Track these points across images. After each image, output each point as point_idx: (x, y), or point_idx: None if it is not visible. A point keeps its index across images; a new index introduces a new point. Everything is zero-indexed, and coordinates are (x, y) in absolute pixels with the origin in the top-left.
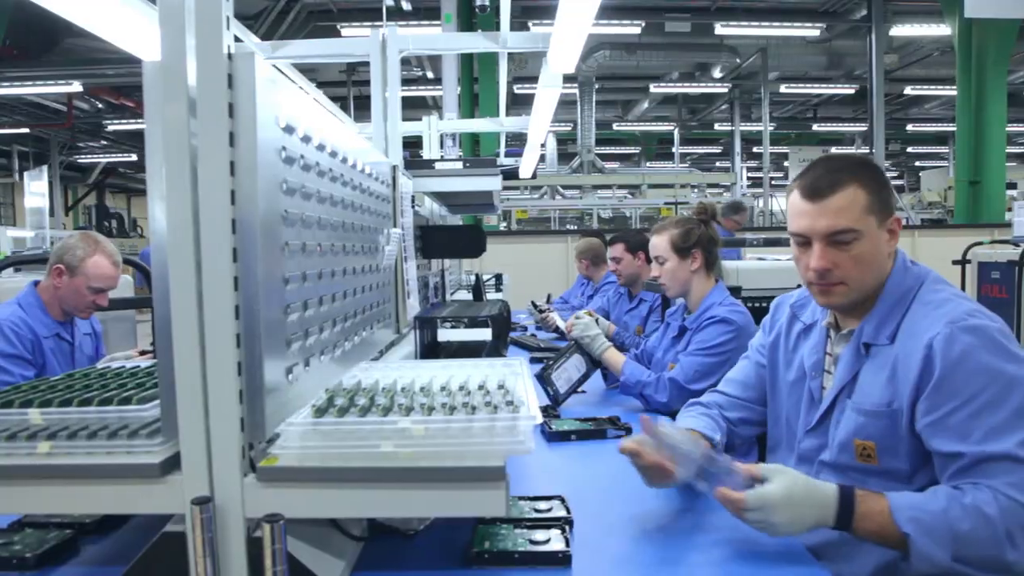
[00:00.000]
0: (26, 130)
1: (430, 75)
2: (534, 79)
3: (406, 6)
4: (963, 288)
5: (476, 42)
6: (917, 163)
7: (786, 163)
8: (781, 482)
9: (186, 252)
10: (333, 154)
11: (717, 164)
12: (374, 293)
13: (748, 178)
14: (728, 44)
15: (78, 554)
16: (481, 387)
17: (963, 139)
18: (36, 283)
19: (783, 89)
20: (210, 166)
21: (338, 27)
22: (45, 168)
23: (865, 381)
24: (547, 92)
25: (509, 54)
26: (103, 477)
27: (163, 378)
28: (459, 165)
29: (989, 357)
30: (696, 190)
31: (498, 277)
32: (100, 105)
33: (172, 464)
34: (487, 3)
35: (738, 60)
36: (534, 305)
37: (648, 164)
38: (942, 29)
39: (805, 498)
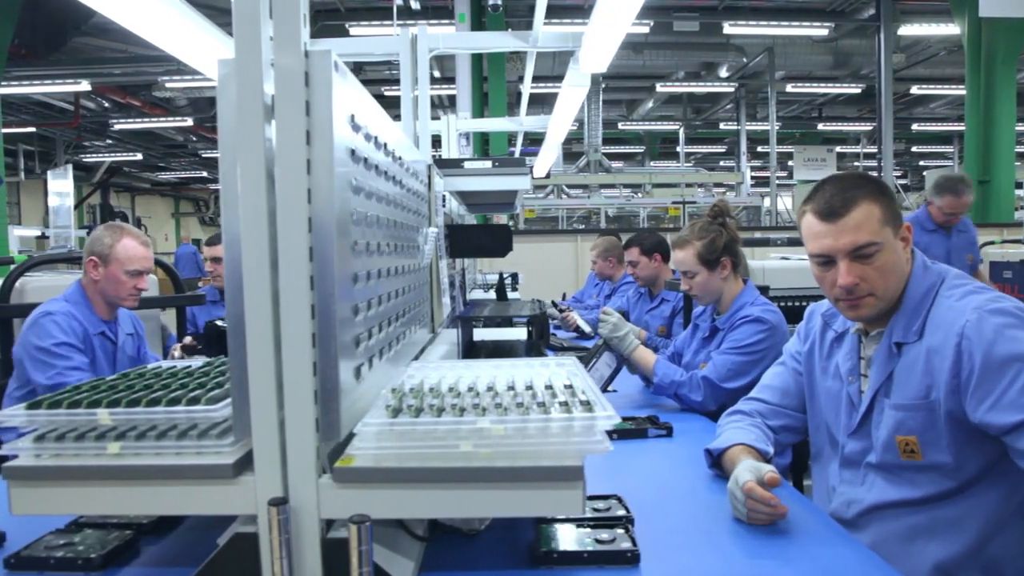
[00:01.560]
0: (32, 129)
1: (437, 74)
2: (541, 79)
3: (415, 5)
4: None
5: (506, 41)
6: (921, 162)
7: (790, 162)
8: None
9: (261, 251)
10: (387, 152)
11: (721, 163)
12: (415, 293)
13: (752, 177)
14: (734, 43)
15: (139, 555)
16: (548, 387)
17: (972, 138)
18: (79, 281)
19: (789, 88)
20: (287, 164)
21: (346, 26)
22: (70, 167)
23: (900, 378)
24: (573, 92)
25: (515, 53)
26: (175, 478)
27: (235, 378)
28: (488, 164)
29: (1021, 332)
30: (703, 189)
31: (514, 276)
32: (106, 104)
33: (244, 464)
34: (500, 3)
35: (745, 59)
36: (554, 305)
37: (651, 163)
38: (950, 28)
39: None
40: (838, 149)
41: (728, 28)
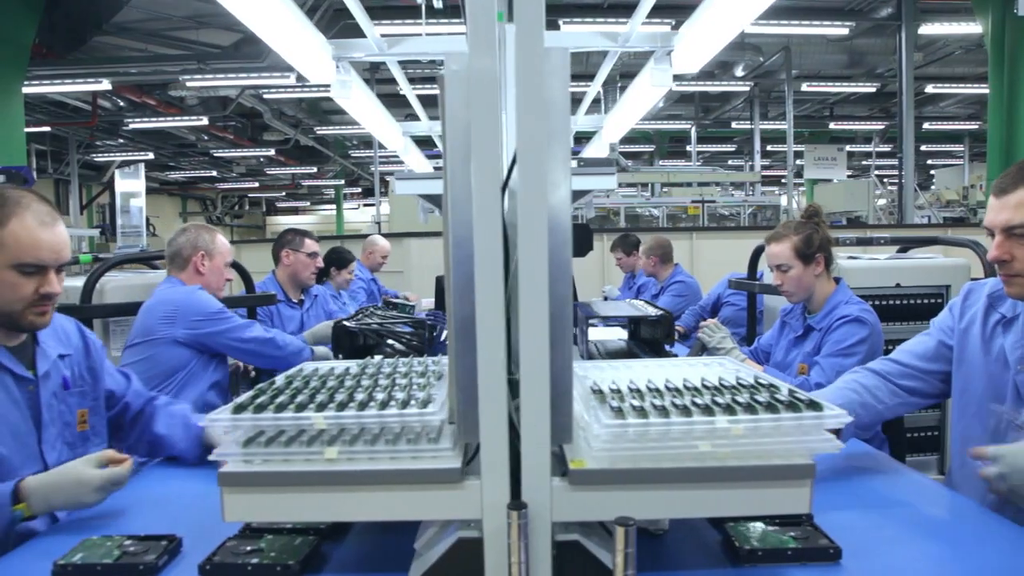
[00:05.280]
0: (47, 128)
1: None
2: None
3: (436, 3)
4: None
5: (594, 40)
6: (929, 161)
7: (798, 161)
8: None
9: (494, 253)
10: None
11: (729, 162)
12: None
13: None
14: (751, 43)
15: (326, 560)
16: (749, 386)
17: (995, 137)
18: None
19: (804, 87)
20: (529, 165)
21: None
22: (141, 167)
23: None
24: (652, 91)
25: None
26: (400, 483)
27: (461, 382)
28: (574, 164)
29: None
30: (720, 188)
31: None
32: (121, 103)
33: (467, 468)
34: None
35: (761, 59)
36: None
37: (660, 162)
38: (972, 27)
39: None
40: (848, 148)
41: (749, 27)
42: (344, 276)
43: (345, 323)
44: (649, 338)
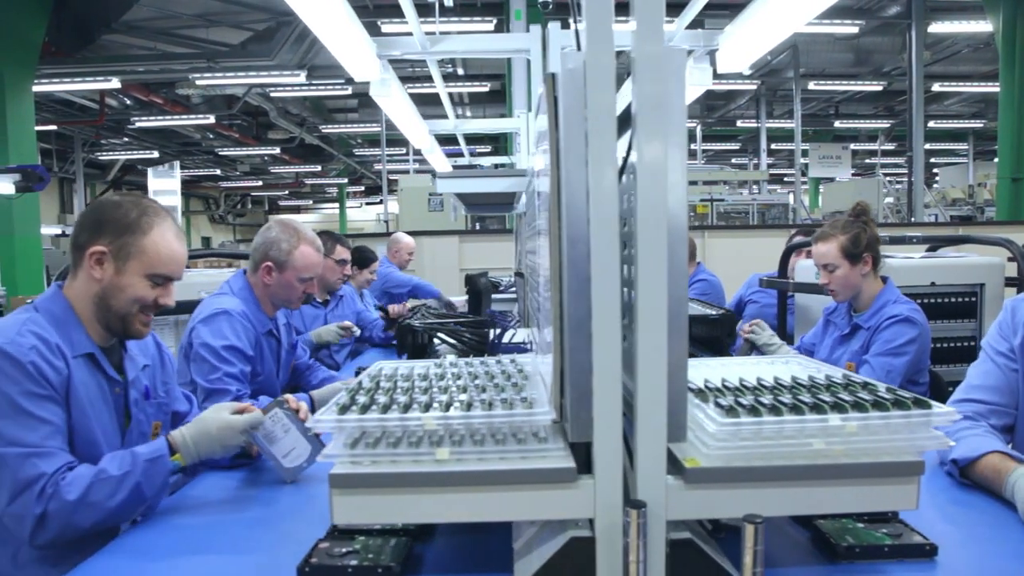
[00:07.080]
0: (54, 127)
1: (461, 72)
2: None
3: (448, 2)
4: None
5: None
6: (932, 159)
7: (802, 160)
8: None
9: (612, 249)
10: None
11: (733, 160)
12: None
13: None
14: None
15: (420, 561)
16: (839, 383)
17: (1006, 135)
18: (245, 271)
19: (811, 86)
20: (649, 164)
21: (379, 23)
22: (176, 164)
23: None
24: (690, 91)
25: None
26: (513, 483)
27: (574, 380)
28: None
29: None
30: (727, 186)
31: None
32: (128, 102)
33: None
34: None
35: (768, 56)
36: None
37: None
38: (982, 26)
39: None
40: (852, 147)
41: None
42: (365, 276)
43: (413, 324)
44: (708, 337)
